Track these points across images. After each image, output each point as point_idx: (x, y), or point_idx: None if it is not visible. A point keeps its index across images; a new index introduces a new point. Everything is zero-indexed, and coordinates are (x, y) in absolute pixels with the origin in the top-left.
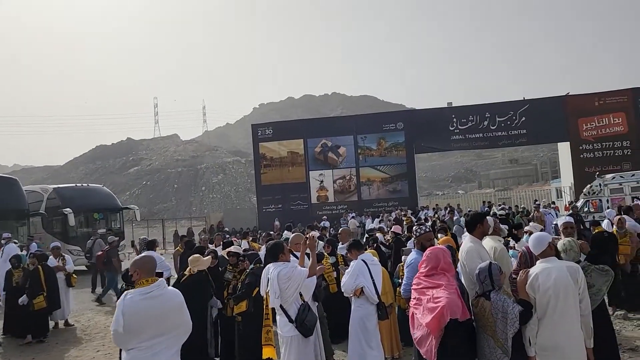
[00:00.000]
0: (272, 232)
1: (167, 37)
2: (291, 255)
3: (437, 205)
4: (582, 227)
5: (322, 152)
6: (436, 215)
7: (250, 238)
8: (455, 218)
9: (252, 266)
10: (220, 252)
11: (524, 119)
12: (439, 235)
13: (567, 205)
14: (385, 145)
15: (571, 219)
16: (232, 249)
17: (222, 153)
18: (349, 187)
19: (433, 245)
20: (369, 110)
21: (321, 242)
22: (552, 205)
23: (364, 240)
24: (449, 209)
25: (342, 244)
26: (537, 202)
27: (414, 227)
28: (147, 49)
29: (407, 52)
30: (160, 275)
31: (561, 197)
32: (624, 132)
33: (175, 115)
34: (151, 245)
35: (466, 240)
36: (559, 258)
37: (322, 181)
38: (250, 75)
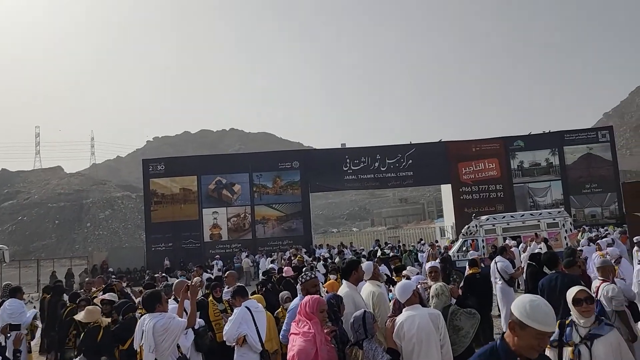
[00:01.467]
0: (156, 275)
1: (53, 60)
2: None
3: (328, 245)
4: (451, 270)
5: (216, 189)
6: (329, 254)
7: (125, 284)
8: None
9: (121, 318)
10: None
11: (410, 161)
12: (331, 276)
13: (450, 245)
14: (281, 184)
15: (436, 264)
16: (106, 296)
17: (111, 187)
18: (244, 225)
19: (318, 291)
20: (267, 147)
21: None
22: (436, 244)
23: (260, 281)
24: (337, 249)
25: (228, 288)
26: (421, 241)
27: (302, 275)
28: (30, 72)
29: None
30: (16, 327)
31: (444, 236)
32: (497, 176)
33: (59, 146)
34: (14, 292)
35: (342, 286)
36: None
37: (215, 219)
38: (144, 106)
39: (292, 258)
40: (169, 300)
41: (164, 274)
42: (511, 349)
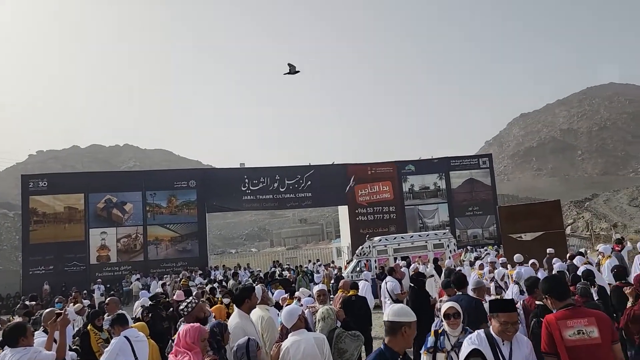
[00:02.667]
0: (28, 303)
1: None
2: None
3: (224, 266)
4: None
5: (105, 208)
6: (224, 276)
7: None
8: (245, 279)
9: None
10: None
11: (309, 182)
12: (224, 300)
13: (346, 264)
14: (176, 203)
15: (324, 287)
16: None
17: None
18: (135, 246)
19: (207, 316)
20: (164, 165)
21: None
22: (331, 265)
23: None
24: (233, 270)
25: (108, 316)
26: (318, 261)
27: (184, 304)
28: None
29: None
30: None
31: (341, 256)
32: (390, 198)
33: None
34: None
35: (233, 316)
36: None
37: (104, 239)
38: (26, 116)
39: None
40: (39, 332)
41: (39, 302)
42: (393, 349)
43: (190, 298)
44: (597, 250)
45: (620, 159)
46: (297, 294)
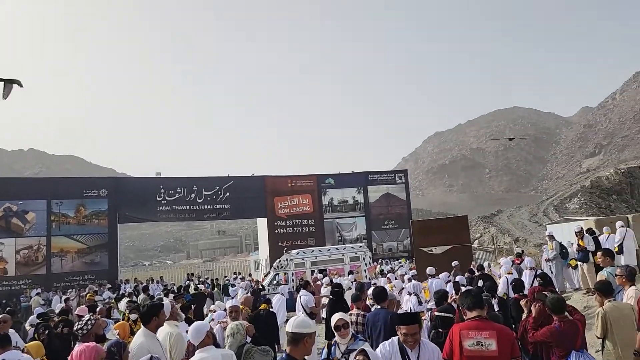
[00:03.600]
0: None
1: None
2: None
3: (136, 279)
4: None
5: (4, 217)
6: (134, 290)
7: None
8: (156, 294)
9: None
10: None
11: (228, 194)
12: (131, 316)
13: (263, 277)
14: (85, 213)
15: (237, 303)
16: None
17: None
18: (37, 259)
19: (104, 332)
20: (74, 172)
21: None
22: (247, 278)
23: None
24: (143, 284)
25: None
26: (235, 274)
27: (80, 323)
28: None
29: (123, 114)
30: None
31: (259, 269)
32: (309, 211)
33: None
34: None
35: (138, 334)
36: None
37: (1, 251)
38: None
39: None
40: None
41: None
42: (295, 358)
43: (87, 315)
44: (499, 263)
45: (522, 177)
46: (212, 307)
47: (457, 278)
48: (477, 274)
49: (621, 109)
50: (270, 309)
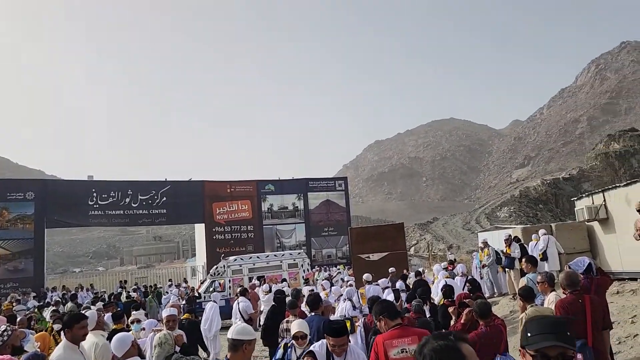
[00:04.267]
0: None
1: None
2: None
3: (64, 287)
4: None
5: None
6: (61, 298)
7: None
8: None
9: None
10: None
11: (165, 199)
12: (55, 326)
13: (200, 284)
14: (9, 217)
15: (174, 312)
16: None
17: None
18: None
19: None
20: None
21: None
22: (183, 285)
23: None
24: (72, 292)
25: None
26: (169, 281)
27: None
28: None
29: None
30: None
31: (195, 276)
32: (249, 217)
33: None
34: None
35: (59, 347)
36: None
37: None
38: None
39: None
40: None
41: None
42: None
43: (4, 326)
44: (432, 269)
45: (457, 186)
46: (134, 315)
47: (397, 284)
48: (414, 279)
49: (548, 123)
50: (194, 319)
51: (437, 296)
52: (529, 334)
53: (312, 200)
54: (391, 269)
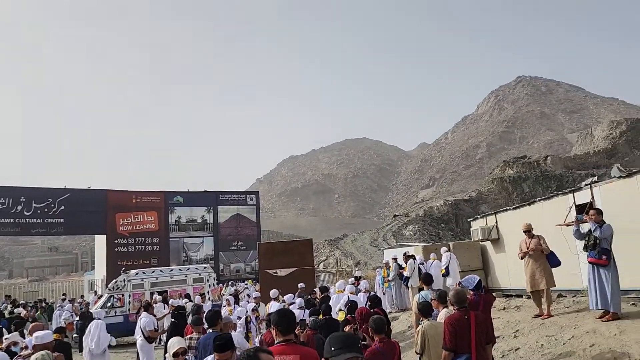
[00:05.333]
0: None
1: None
2: None
3: None
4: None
5: None
6: None
7: None
8: None
9: None
10: None
11: (63, 207)
12: None
13: (97, 299)
14: None
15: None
16: None
17: None
18: None
19: None
20: None
21: None
22: (77, 300)
23: None
24: None
25: None
26: (64, 296)
27: None
28: None
29: None
30: None
31: (93, 290)
32: (155, 229)
33: None
34: None
35: None
36: None
37: None
38: None
39: None
40: None
41: None
42: None
43: None
44: (334, 285)
45: (367, 204)
46: (6, 337)
47: (297, 302)
48: (319, 295)
49: (452, 147)
50: (63, 339)
51: (338, 311)
52: (332, 348)
53: (222, 213)
54: (301, 285)
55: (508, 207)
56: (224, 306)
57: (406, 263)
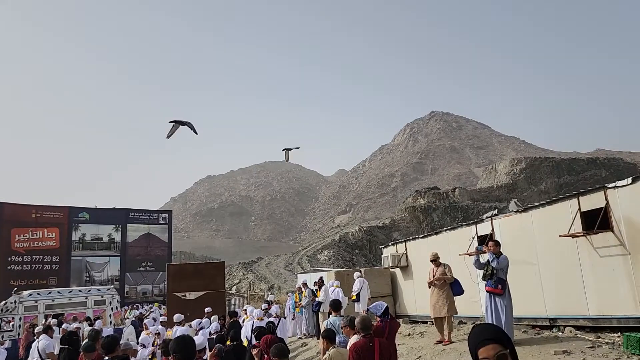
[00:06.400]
0: None
1: None
2: None
3: None
4: None
5: None
6: None
7: None
8: None
9: None
10: None
11: None
12: None
13: None
14: None
15: None
16: None
17: None
18: None
19: None
20: None
21: None
22: None
23: None
24: None
25: None
26: None
27: None
28: None
29: None
30: None
31: None
32: (55, 247)
33: None
34: None
35: None
36: None
37: None
38: None
39: None
40: None
41: None
42: None
43: None
44: (244, 310)
45: (284, 227)
46: None
47: (212, 327)
48: (228, 320)
49: (369, 175)
50: None
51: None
52: None
53: (132, 232)
54: (207, 309)
55: (417, 236)
56: (143, 330)
57: (319, 288)
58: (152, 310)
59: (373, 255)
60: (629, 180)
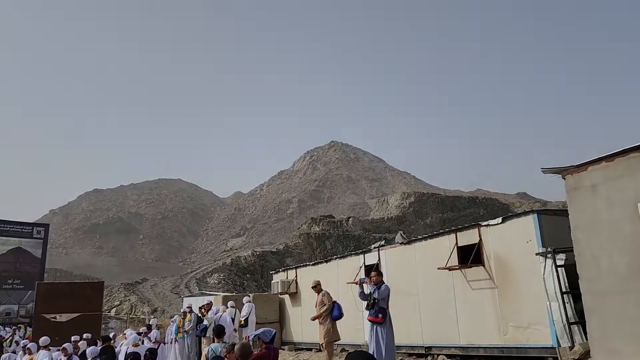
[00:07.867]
0: None
1: None
2: None
3: None
4: None
5: None
6: None
7: None
8: None
9: None
10: None
11: None
12: None
13: None
14: None
15: None
16: None
17: None
18: None
19: None
20: None
21: None
22: None
23: None
24: None
25: None
26: None
27: None
28: None
29: None
30: None
31: None
32: None
33: None
34: None
35: None
36: None
37: None
38: None
39: None
40: None
41: None
42: None
43: None
44: (124, 334)
45: (174, 248)
46: None
47: (89, 351)
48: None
49: (266, 199)
50: None
51: None
52: None
53: (1, 245)
54: (86, 335)
55: (308, 263)
56: (24, 355)
57: (206, 312)
58: (14, 333)
59: (265, 280)
60: (499, 219)
